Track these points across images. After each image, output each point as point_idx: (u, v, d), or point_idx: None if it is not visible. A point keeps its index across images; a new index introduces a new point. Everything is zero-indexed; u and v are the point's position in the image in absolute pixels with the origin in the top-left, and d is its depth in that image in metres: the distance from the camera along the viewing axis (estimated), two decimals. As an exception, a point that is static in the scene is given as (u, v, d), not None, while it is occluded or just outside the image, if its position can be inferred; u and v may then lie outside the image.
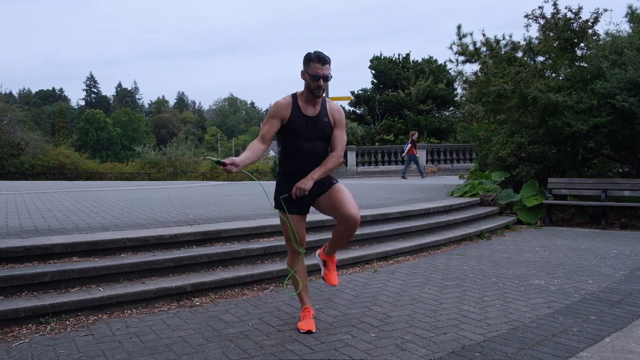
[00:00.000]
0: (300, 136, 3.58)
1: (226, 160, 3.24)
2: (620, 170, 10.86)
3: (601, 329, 3.76)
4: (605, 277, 5.42)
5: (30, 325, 3.77)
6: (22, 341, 3.50)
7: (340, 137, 3.72)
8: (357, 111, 30.74)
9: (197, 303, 4.46)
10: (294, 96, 3.66)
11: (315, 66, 3.49)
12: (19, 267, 4.26)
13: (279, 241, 5.67)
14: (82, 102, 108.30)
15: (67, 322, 3.86)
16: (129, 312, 4.17)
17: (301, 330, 3.71)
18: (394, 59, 31.36)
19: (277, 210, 3.75)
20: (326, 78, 3.51)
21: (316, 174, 3.56)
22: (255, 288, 4.94)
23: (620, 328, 3.77)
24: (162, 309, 4.29)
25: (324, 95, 3.73)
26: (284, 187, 3.67)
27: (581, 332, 3.68)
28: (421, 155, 23.16)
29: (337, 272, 5.41)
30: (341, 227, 3.67)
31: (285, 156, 3.70)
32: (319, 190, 3.66)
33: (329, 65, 3.53)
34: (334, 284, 3.88)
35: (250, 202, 8.92)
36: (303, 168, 3.60)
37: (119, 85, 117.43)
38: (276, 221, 6.09)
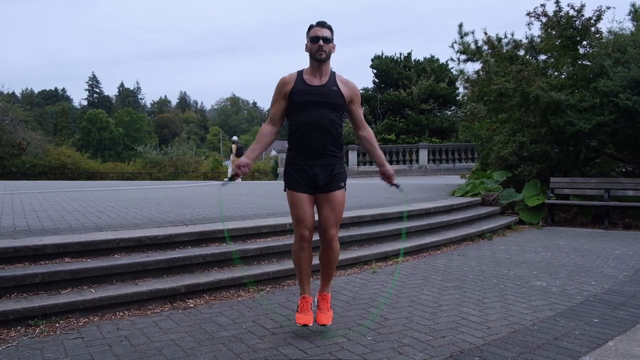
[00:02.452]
0: (306, 107, 3.51)
1: (236, 172, 3.56)
2: (624, 170, 10.74)
3: (604, 332, 3.66)
4: (609, 278, 5.32)
5: (19, 327, 3.68)
6: (9, 344, 3.41)
7: (361, 113, 3.78)
8: (359, 111, 30.61)
9: (191, 305, 4.37)
10: (299, 71, 3.65)
11: (315, 29, 3.53)
12: (9, 268, 4.18)
13: (275, 241, 5.59)
14: (85, 102, 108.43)
15: (57, 325, 3.78)
16: (121, 314, 4.09)
17: (297, 323, 3.60)
18: (395, 58, 31.25)
19: (285, 190, 3.69)
20: (325, 39, 3.50)
21: (383, 159, 3.77)
22: (251, 289, 4.84)
23: (624, 331, 3.67)
24: (155, 310, 4.20)
25: (334, 70, 3.68)
26: (293, 165, 3.61)
27: (584, 336, 3.58)
28: (423, 154, 23.08)
29: (335, 273, 5.32)
30: (321, 248, 3.74)
31: (293, 133, 3.61)
32: (325, 184, 3.57)
33: (329, 30, 3.55)
34: (322, 323, 3.65)
35: (248, 202, 8.83)
36: (311, 142, 3.52)
37: (121, 85, 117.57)
38: (273, 221, 6.02)
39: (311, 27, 3.56)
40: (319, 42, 3.49)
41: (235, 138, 22.62)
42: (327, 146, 3.55)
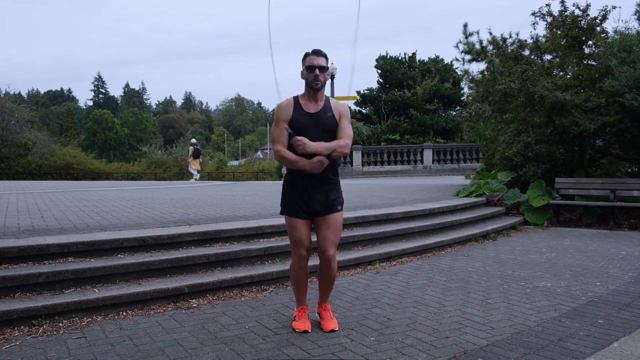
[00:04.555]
0: (303, 133, 3.54)
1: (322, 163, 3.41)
2: (629, 170, 10.67)
3: (609, 333, 3.63)
4: (614, 279, 5.28)
5: (22, 327, 3.69)
6: (13, 343, 3.42)
7: (347, 127, 3.68)
8: (363, 111, 30.61)
9: (194, 305, 4.37)
10: (295, 97, 3.71)
11: (310, 58, 3.58)
12: (13, 267, 4.19)
13: (279, 242, 5.58)
14: (90, 103, 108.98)
15: (60, 324, 3.78)
16: (124, 314, 4.09)
17: (297, 330, 3.67)
18: (400, 58, 31.17)
19: (283, 215, 3.75)
20: (321, 68, 3.56)
21: (323, 146, 3.43)
22: (254, 289, 4.84)
23: (629, 332, 3.65)
24: (158, 310, 4.21)
25: (328, 95, 3.76)
26: (291, 190, 3.68)
27: (588, 337, 3.55)
28: (427, 155, 23.02)
29: (339, 274, 5.35)
30: (319, 267, 3.79)
31: None
32: (323, 209, 3.64)
33: (325, 58, 3.61)
34: (330, 329, 3.72)
35: (252, 202, 8.83)
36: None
37: (127, 85, 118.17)
38: (277, 221, 6.01)
39: (307, 55, 3.62)
40: (315, 72, 3.55)
41: (193, 140, 23.71)
42: (324, 172, 3.56)
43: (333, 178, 3.69)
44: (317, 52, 3.59)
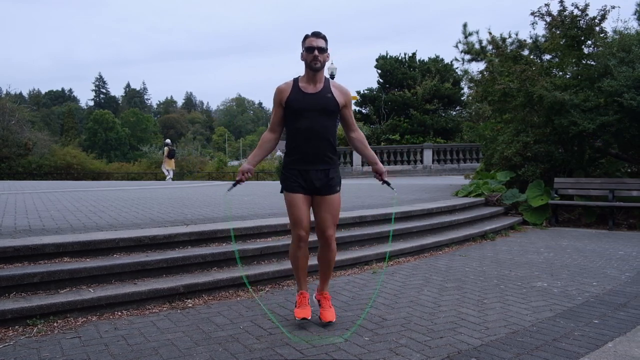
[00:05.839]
0: (302, 114, 3.64)
1: (240, 178, 3.70)
2: (629, 170, 10.65)
3: (604, 333, 3.63)
4: (611, 279, 5.27)
5: (16, 327, 3.69)
6: (6, 343, 3.42)
7: (352, 116, 3.90)
8: (363, 111, 30.58)
9: (190, 305, 4.37)
10: (295, 79, 3.77)
11: (310, 40, 3.65)
12: (8, 267, 4.18)
13: (276, 242, 5.58)
14: (91, 103, 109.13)
15: (55, 324, 3.78)
16: (119, 313, 4.09)
17: (297, 318, 3.74)
18: (400, 58, 31.15)
19: (283, 192, 3.81)
20: (320, 49, 3.62)
21: (375, 157, 3.89)
22: (250, 289, 4.84)
23: (624, 332, 3.64)
24: (154, 310, 4.20)
25: (328, 76, 3.83)
26: (291, 169, 3.75)
27: (583, 337, 3.54)
28: (427, 155, 23.00)
29: (335, 273, 5.36)
30: (319, 249, 3.87)
31: (290, 139, 3.75)
32: (322, 187, 3.71)
33: (324, 40, 3.67)
34: (328, 320, 3.79)
35: (251, 202, 8.83)
36: (307, 149, 3.66)
37: (128, 85, 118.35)
38: (274, 222, 6.01)
39: (306, 37, 3.68)
40: (314, 52, 3.62)
41: (167, 141, 24.20)
42: (323, 151, 3.70)
43: (330, 156, 3.74)
44: (316, 34, 3.65)
